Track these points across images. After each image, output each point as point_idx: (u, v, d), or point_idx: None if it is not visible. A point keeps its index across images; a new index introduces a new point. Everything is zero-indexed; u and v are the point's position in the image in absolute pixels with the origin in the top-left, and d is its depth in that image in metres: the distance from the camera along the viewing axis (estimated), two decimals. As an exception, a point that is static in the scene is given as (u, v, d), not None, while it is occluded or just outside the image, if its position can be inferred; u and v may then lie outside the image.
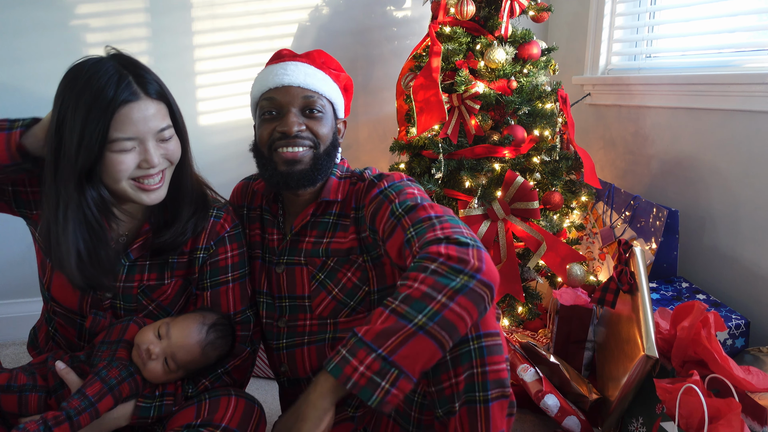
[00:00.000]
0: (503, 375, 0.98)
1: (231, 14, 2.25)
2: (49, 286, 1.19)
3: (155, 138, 1.05)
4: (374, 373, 0.86)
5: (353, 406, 1.23)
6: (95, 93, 0.99)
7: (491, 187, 1.94)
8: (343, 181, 1.25)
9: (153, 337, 1.10)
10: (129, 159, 1.03)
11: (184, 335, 1.11)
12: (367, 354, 0.87)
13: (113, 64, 1.04)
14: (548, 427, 1.63)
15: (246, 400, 1.13)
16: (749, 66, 1.82)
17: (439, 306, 0.89)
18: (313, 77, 1.21)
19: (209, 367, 1.19)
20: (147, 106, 1.03)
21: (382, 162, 2.50)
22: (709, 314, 1.38)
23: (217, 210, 1.23)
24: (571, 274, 1.90)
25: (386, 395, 0.86)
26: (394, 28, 2.47)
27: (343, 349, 0.90)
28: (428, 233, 1.00)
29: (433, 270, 0.92)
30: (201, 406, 1.09)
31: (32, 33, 2.04)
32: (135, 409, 1.08)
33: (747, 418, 1.26)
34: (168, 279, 1.20)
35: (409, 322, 0.88)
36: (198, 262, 1.21)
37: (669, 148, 2.08)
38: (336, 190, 1.23)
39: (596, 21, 2.36)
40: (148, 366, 1.08)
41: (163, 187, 1.10)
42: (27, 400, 1.06)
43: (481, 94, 1.90)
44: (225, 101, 2.29)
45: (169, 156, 1.09)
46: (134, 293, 1.18)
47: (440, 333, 0.89)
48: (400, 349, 0.87)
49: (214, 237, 1.22)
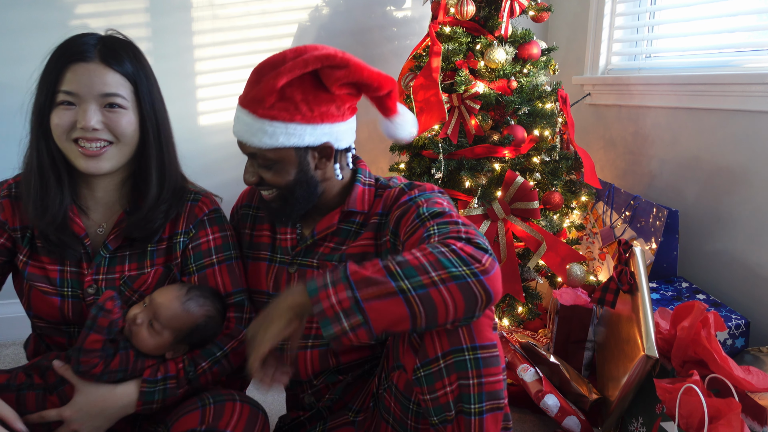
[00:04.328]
0: (498, 387, 0.97)
1: (231, 14, 2.25)
2: (29, 305, 1.19)
3: (97, 102, 1.07)
4: (342, 310, 0.88)
5: (354, 411, 1.23)
6: (61, 48, 1.08)
7: (491, 187, 1.94)
8: (368, 189, 1.22)
9: (138, 308, 1.13)
10: (66, 115, 1.07)
11: (163, 294, 1.14)
12: (344, 291, 0.88)
13: (98, 36, 1.11)
14: (548, 427, 1.63)
15: (251, 406, 1.12)
16: (749, 66, 1.82)
17: (429, 281, 0.89)
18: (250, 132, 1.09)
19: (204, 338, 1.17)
20: (97, 70, 1.07)
21: (382, 162, 2.50)
22: (709, 314, 1.38)
23: (195, 194, 1.24)
24: (571, 274, 1.90)
25: (342, 335, 0.88)
26: (394, 28, 2.47)
27: (329, 276, 0.91)
28: (451, 232, 0.99)
29: (441, 252, 0.92)
30: (205, 411, 1.07)
31: (32, 33, 2.04)
32: (140, 395, 1.09)
33: (747, 418, 1.26)
34: (148, 268, 1.19)
35: (394, 281, 0.89)
36: (179, 246, 1.21)
37: (669, 148, 2.08)
38: (362, 200, 1.20)
39: (596, 21, 2.36)
40: (136, 334, 1.10)
41: (105, 160, 1.10)
42: (25, 398, 1.06)
43: (481, 94, 1.90)
44: (225, 101, 2.29)
45: (112, 127, 1.09)
46: (117, 285, 1.17)
47: (417, 305, 0.88)
48: (374, 301, 0.88)
49: (193, 220, 1.22)
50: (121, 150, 1.12)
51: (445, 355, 0.96)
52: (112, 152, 1.10)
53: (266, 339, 0.94)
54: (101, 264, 1.17)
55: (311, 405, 1.27)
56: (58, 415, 1.06)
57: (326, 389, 1.25)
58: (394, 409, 1.09)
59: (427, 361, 0.97)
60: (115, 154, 1.11)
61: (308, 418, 1.27)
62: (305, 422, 1.27)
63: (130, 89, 1.11)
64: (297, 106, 1.07)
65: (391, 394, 1.09)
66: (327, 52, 1.06)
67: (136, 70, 1.11)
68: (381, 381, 1.14)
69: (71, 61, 1.06)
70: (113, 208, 1.19)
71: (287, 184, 1.12)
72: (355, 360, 1.22)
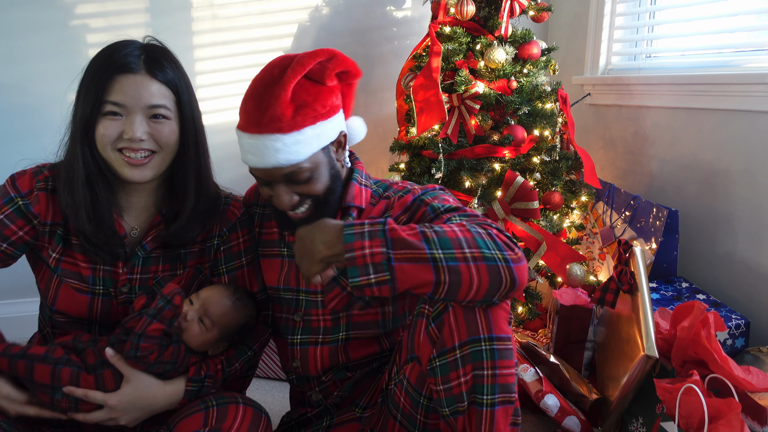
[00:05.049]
0: (511, 380, 0.98)
1: (231, 15, 2.25)
2: (54, 300, 1.19)
3: (144, 113, 1.08)
4: (372, 264, 0.91)
5: (361, 407, 1.23)
6: (106, 58, 1.08)
7: (491, 187, 1.94)
8: (365, 189, 1.23)
9: (186, 306, 1.16)
10: (113, 126, 1.08)
11: (213, 292, 1.19)
12: (380, 246, 0.92)
13: (139, 44, 1.12)
14: (548, 427, 1.63)
15: (254, 409, 1.12)
16: (749, 66, 1.82)
17: (461, 256, 0.92)
18: (284, 152, 1.06)
19: (242, 338, 1.22)
20: (144, 81, 1.08)
21: (382, 162, 2.50)
22: (709, 314, 1.38)
23: (226, 198, 1.27)
24: (571, 274, 1.90)
25: (367, 286, 0.92)
26: (394, 28, 2.47)
27: (369, 227, 0.94)
28: (479, 219, 1.02)
29: (478, 232, 0.95)
30: (209, 413, 1.08)
31: (32, 33, 2.04)
32: (185, 393, 1.12)
33: (747, 418, 1.26)
34: (181, 269, 1.23)
35: (428, 248, 0.92)
36: (212, 249, 1.25)
37: (669, 148, 2.08)
38: (359, 196, 1.21)
39: (596, 21, 2.36)
40: (186, 330, 1.13)
41: (149, 169, 1.12)
42: (60, 372, 1.06)
43: (481, 94, 1.90)
44: (225, 101, 2.29)
45: (157, 137, 1.10)
46: (150, 285, 1.20)
47: (445, 275, 0.92)
48: (405, 262, 0.91)
49: (227, 224, 1.25)
50: (164, 158, 1.13)
51: (462, 345, 0.97)
52: (155, 161, 1.12)
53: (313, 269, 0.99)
54: (136, 264, 1.19)
55: (318, 402, 1.27)
56: (103, 401, 1.06)
57: (334, 386, 1.26)
58: (404, 404, 1.09)
59: (444, 350, 0.98)
60: (158, 163, 1.13)
61: (315, 415, 1.27)
62: (312, 419, 1.28)
63: (173, 99, 1.12)
64: (313, 107, 1.07)
65: (402, 388, 1.09)
66: (310, 52, 1.08)
67: (178, 79, 1.13)
68: (392, 376, 1.14)
69: (118, 72, 1.07)
70: (149, 211, 1.21)
71: (325, 187, 1.12)
72: (364, 357, 1.23)
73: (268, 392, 1.82)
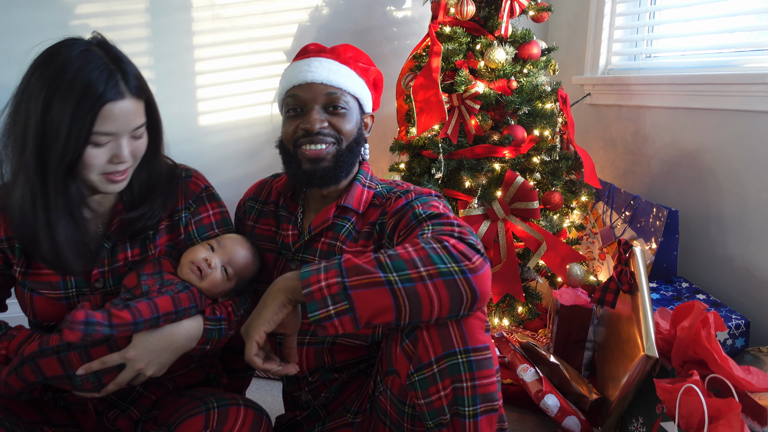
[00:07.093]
0: (492, 389, 0.97)
1: (231, 15, 2.25)
2: (34, 314, 1.18)
3: (129, 134, 1.07)
4: (329, 295, 0.91)
5: (352, 412, 1.23)
6: (85, 87, 1.00)
7: (491, 187, 1.94)
8: (367, 191, 1.24)
9: (207, 251, 1.15)
10: (102, 153, 1.05)
11: (237, 242, 1.20)
12: (335, 276, 0.92)
13: (101, 56, 1.04)
14: (548, 427, 1.63)
15: (254, 411, 1.12)
16: (749, 66, 1.82)
17: (417, 276, 0.91)
18: (337, 73, 1.21)
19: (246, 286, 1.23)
20: (129, 105, 1.06)
21: (382, 162, 2.50)
22: (709, 314, 1.38)
23: (185, 170, 1.26)
24: (571, 274, 1.90)
25: (327, 318, 0.91)
26: (394, 28, 2.47)
27: (324, 263, 0.95)
28: (445, 229, 1.01)
29: (432, 247, 0.94)
30: (209, 415, 1.07)
31: (32, 33, 2.04)
32: (204, 331, 1.10)
33: (747, 418, 1.26)
34: (152, 250, 1.20)
35: (383, 272, 0.91)
36: (182, 222, 1.23)
37: (669, 148, 2.08)
38: (359, 200, 1.22)
39: (596, 21, 2.36)
40: (209, 277, 1.12)
41: (127, 179, 1.12)
42: (68, 358, 1.03)
43: (481, 94, 1.90)
44: (225, 101, 2.29)
45: (135, 153, 1.10)
46: (122, 273, 1.17)
47: (403, 297, 0.91)
48: (361, 289, 0.91)
49: (191, 195, 1.24)
50: (134, 166, 1.13)
51: (438, 359, 0.95)
52: (130, 171, 1.12)
53: (260, 323, 0.97)
54: (104, 256, 1.17)
55: (308, 403, 1.27)
56: (121, 358, 1.03)
57: (323, 386, 1.26)
58: (390, 411, 1.09)
59: (420, 366, 0.97)
60: (131, 172, 1.13)
61: (305, 417, 1.27)
62: (302, 422, 1.28)
63: (144, 108, 1.11)
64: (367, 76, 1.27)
65: (387, 397, 1.09)
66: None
67: (140, 81, 1.09)
68: (377, 384, 1.14)
69: (105, 103, 1.02)
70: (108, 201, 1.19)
71: (349, 132, 1.21)
72: (350, 359, 1.23)
73: (268, 392, 1.82)
